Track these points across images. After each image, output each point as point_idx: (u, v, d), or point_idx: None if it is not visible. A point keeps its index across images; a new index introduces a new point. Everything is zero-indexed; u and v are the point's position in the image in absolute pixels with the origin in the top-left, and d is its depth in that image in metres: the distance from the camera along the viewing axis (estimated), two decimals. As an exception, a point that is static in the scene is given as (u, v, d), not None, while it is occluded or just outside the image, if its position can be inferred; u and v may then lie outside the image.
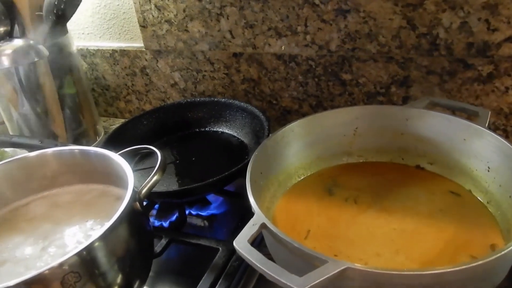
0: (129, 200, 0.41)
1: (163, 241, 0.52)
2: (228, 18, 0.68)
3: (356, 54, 0.64)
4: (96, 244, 0.38)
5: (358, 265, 0.32)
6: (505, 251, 0.32)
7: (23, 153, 0.51)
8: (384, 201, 0.48)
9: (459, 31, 0.57)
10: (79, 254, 0.36)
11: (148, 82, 0.82)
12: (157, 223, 0.58)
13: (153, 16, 0.73)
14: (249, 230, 0.37)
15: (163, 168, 0.47)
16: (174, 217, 0.59)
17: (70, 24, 0.75)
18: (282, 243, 0.36)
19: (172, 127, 0.72)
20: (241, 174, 0.52)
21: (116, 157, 0.46)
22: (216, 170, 0.55)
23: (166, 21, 0.73)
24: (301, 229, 0.46)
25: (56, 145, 0.59)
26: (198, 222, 0.61)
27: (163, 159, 0.47)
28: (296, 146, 0.53)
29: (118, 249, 0.40)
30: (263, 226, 0.38)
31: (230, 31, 0.69)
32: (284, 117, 0.74)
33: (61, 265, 0.36)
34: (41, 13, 0.67)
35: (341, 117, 0.54)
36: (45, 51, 0.65)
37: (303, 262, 0.35)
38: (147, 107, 0.85)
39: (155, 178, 0.45)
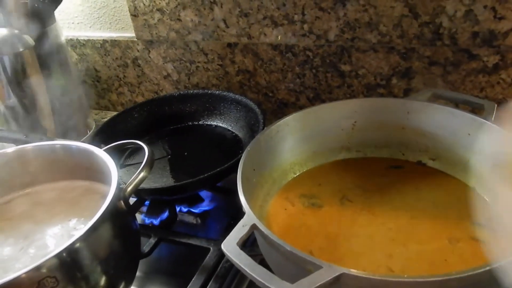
0: (112, 199, 0.39)
1: (152, 241, 0.50)
2: (221, 6, 0.65)
3: (356, 44, 0.61)
4: (77, 245, 0.36)
5: (354, 271, 0.30)
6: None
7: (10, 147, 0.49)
8: (377, 202, 0.46)
9: (464, 19, 0.54)
10: (58, 256, 0.35)
11: (140, 74, 0.79)
12: (147, 221, 0.56)
13: (144, 4, 0.70)
14: (238, 231, 0.35)
15: (150, 164, 0.44)
16: (165, 215, 0.57)
17: (58, 13, 0.72)
18: (274, 246, 0.34)
19: (164, 121, 0.69)
20: (234, 170, 0.50)
21: (100, 153, 0.44)
22: (209, 165, 0.53)
23: (157, 9, 0.70)
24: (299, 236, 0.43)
25: (41, 139, 0.57)
26: (190, 219, 0.58)
27: (151, 155, 0.45)
28: (292, 140, 0.51)
29: (101, 250, 0.38)
30: (254, 227, 0.35)
31: (224, 20, 0.66)
32: (281, 110, 0.71)
33: (38, 268, 0.34)
34: (26, 0, 0.64)
35: (339, 110, 0.52)
36: (31, 41, 0.62)
37: (296, 267, 0.33)
38: (140, 100, 0.82)
39: (141, 175, 0.43)
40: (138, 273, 0.45)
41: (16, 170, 0.47)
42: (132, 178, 0.42)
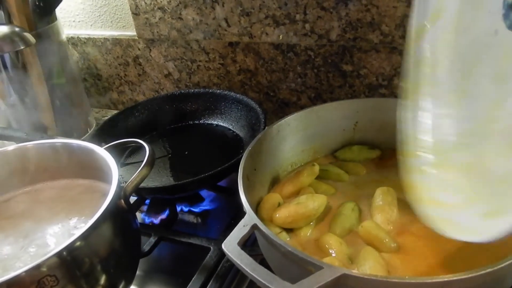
0: (113, 197, 0.39)
1: (152, 240, 0.50)
2: (223, 5, 0.65)
3: (358, 44, 0.61)
4: (77, 244, 0.35)
5: (355, 272, 0.30)
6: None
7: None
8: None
9: (467, 20, 0.54)
10: (58, 254, 0.34)
11: (141, 72, 0.79)
12: (147, 220, 0.56)
13: (145, 3, 0.70)
14: (239, 231, 0.35)
15: (151, 163, 0.44)
16: (165, 214, 0.56)
17: (59, 11, 0.72)
18: (274, 246, 0.34)
19: (165, 120, 0.69)
20: (235, 169, 0.50)
21: (101, 151, 0.44)
22: (210, 164, 0.53)
23: (159, 8, 0.70)
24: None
25: (42, 138, 0.57)
26: (191, 218, 0.58)
27: (151, 154, 0.45)
28: (293, 140, 0.51)
29: (101, 249, 0.38)
30: (255, 227, 0.35)
31: (226, 19, 0.66)
32: (282, 109, 0.71)
33: (38, 266, 0.33)
34: (27, -2, 0.64)
35: (340, 110, 0.52)
36: (32, 39, 0.62)
37: (297, 267, 0.33)
38: (141, 98, 0.82)
39: (142, 173, 0.43)
40: (138, 272, 0.45)
41: (16, 168, 0.47)
42: (133, 177, 0.42)
